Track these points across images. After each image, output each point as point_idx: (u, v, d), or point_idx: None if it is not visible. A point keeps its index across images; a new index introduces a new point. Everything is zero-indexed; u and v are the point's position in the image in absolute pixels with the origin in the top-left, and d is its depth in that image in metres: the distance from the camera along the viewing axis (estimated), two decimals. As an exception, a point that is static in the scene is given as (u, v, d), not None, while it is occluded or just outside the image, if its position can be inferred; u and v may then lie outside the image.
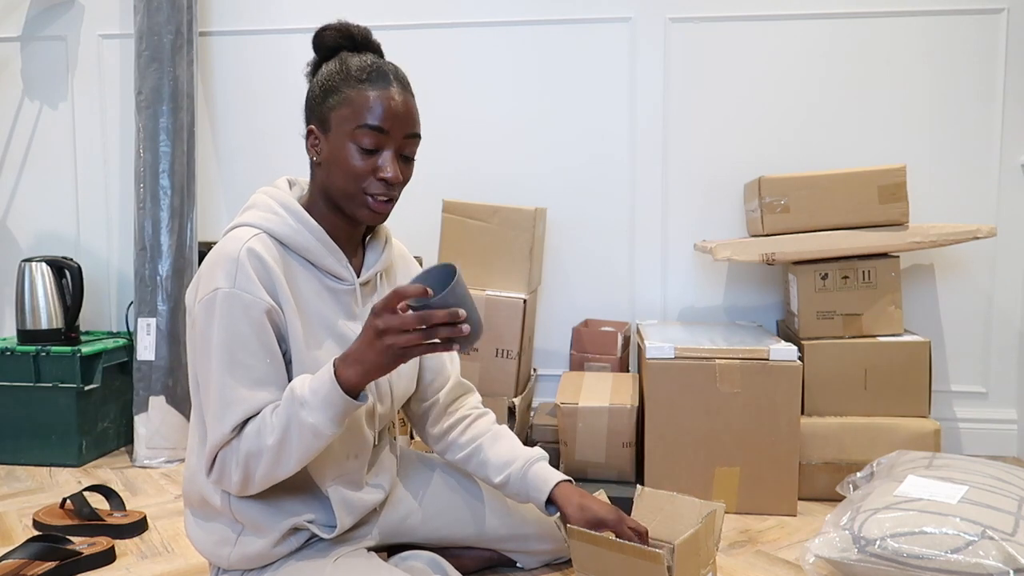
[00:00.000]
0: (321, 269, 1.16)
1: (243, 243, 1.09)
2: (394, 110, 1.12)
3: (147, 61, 2.21)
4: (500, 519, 1.38)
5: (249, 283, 1.07)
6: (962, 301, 2.18)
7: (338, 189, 1.13)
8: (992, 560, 1.19)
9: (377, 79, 1.13)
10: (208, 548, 1.19)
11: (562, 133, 2.28)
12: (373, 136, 1.11)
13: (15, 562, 1.40)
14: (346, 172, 1.11)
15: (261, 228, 1.13)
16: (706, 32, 2.21)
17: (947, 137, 2.15)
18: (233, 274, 1.07)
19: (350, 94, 1.11)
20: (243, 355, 1.07)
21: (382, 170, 1.12)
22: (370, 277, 1.22)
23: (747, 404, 1.72)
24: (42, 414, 2.13)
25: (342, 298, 1.18)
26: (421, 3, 2.31)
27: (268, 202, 1.16)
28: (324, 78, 1.15)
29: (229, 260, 1.08)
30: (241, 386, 1.07)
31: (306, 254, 1.14)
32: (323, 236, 1.15)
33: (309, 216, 1.15)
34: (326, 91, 1.14)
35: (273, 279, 1.09)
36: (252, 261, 1.08)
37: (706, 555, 1.23)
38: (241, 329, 1.07)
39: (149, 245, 2.18)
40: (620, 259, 2.29)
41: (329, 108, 1.13)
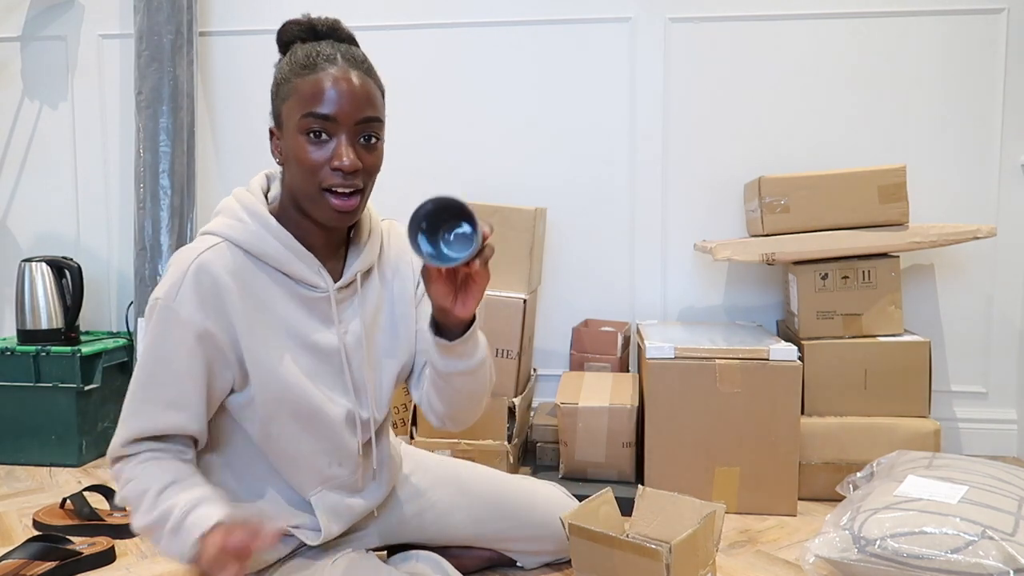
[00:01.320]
0: (292, 277, 1.10)
1: (196, 255, 1.04)
2: (342, 93, 1.03)
3: (147, 61, 2.21)
4: (500, 519, 1.38)
5: (187, 302, 1.02)
6: (962, 301, 2.18)
7: (299, 190, 1.06)
8: (992, 560, 1.19)
9: (322, 61, 1.04)
10: None
11: (562, 133, 2.28)
12: (321, 123, 1.03)
13: (15, 562, 1.40)
14: (302, 168, 1.04)
15: (224, 237, 1.07)
16: (706, 32, 2.21)
17: (947, 137, 2.15)
18: (176, 288, 1.03)
19: (295, 84, 1.05)
20: (162, 373, 1.04)
21: (336, 158, 1.03)
22: (351, 279, 1.15)
23: (747, 404, 1.72)
24: (42, 414, 2.13)
25: (318, 306, 1.12)
26: (421, 3, 2.31)
27: (234, 207, 1.10)
28: (276, 73, 1.10)
29: (178, 271, 1.04)
30: (149, 403, 1.04)
31: (273, 263, 1.08)
32: (290, 242, 1.08)
33: (275, 221, 1.08)
34: (277, 86, 1.09)
35: (222, 298, 1.04)
36: (199, 276, 1.03)
37: (705, 555, 1.23)
38: (167, 346, 1.03)
39: (149, 245, 2.18)
40: (620, 259, 2.29)
41: (280, 103, 1.08)
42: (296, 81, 1.05)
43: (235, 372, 1.08)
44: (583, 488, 1.73)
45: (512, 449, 1.88)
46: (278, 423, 1.11)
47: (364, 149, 1.07)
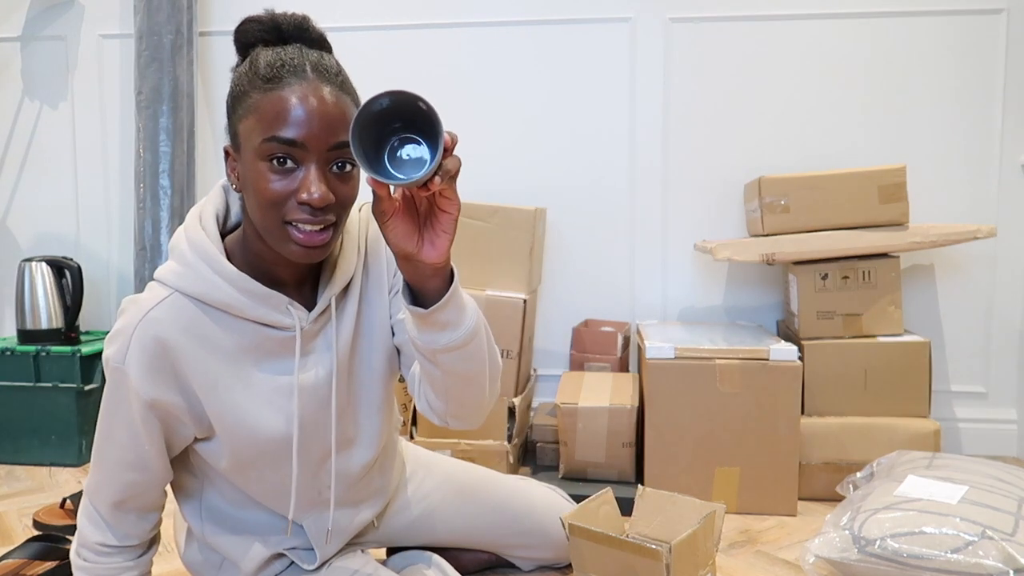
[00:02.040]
0: (257, 322, 0.97)
1: (142, 316, 0.93)
2: (311, 114, 0.87)
3: (147, 61, 2.21)
4: (498, 525, 1.37)
5: (134, 367, 0.93)
6: (962, 301, 2.18)
7: (259, 223, 0.91)
8: (992, 560, 1.19)
9: (288, 75, 0.88)
10: (193, 567, 1.19)
11: (562, 133, 2.28)
12: (285, 149, 0.87)
13: (15, 562, 1.40)
14: (260, 198, 0.88)
15: (174, 287, 0.95)
16: (706, 32, 2.21)
17: (947, 137, 2.15)
18: (124, 352, 0.93)
19: (255, 100, 0.88)
20: (122, 435, 0.99)
21: (302, 190, 0.87)
22: (323, 307, 1.02)
23: (747, 404, 1.72)
24: (42, 414, 2.13)
25: (286, 344, 1.00)
26: (421, 3, 2.31)
27: (183, 250, 0.96)
28: (233, 83, 0.92)
29: (125, 333, 0.94)
30: (113, 466, 1.01)
31: (230, 310, 0.95)
32: (250, 284, 0.95)
33: (229, 266, 0.94)
34: (234, 99, 0.92)
35: (173, 360, 0.94)
36: (144, 341, 0.93)
37: (704, 556, 1.23)
38: (120, 410, 0.97)
39: (149, 245, 2.18)
40: (620, 259, 2.29)
41: (237, 120, 0.91)
42: (256, 96, 0.88)
43: (196, 428, 1.01)
44: (583, 488, 1.73)
45: (512, 449, 1.88)
46: (254, 468, 1.04)
47: (337, 179, 0.90)
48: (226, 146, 0.95)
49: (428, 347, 0.93)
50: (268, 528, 1.12)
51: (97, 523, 1.05)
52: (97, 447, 1.03)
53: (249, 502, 1.12)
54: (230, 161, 0.95)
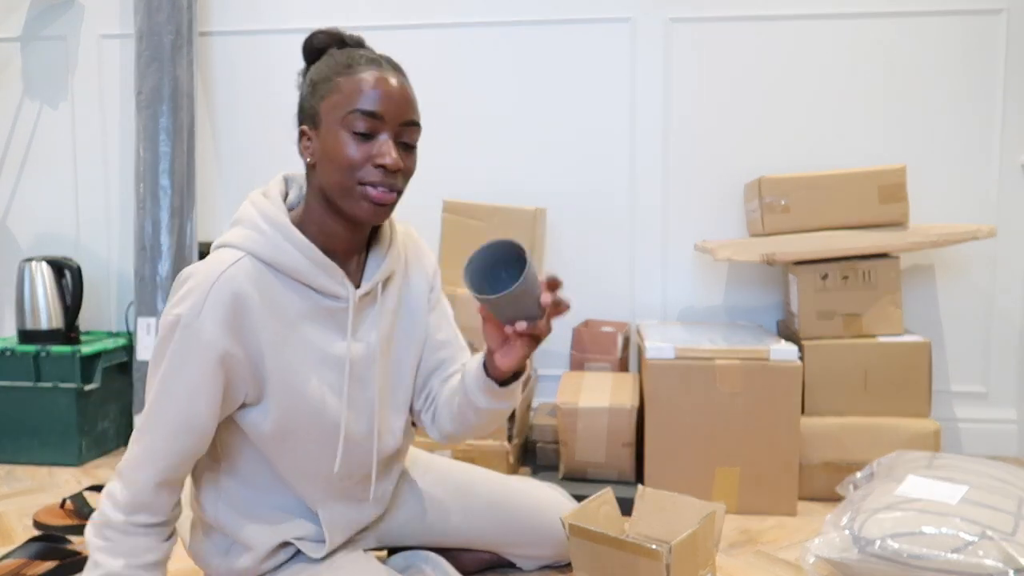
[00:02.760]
0: (313, 289, 1.08)
1: (220, 273, 1.01)
2: (389, 93, 1.04)
3: (147, 61, 2.21)
4: (499, 524, 1.37)
5: (211, 321, 0.99)
6: (962, 301, 2.18)
7: (334, 185, 1.04)
8: (992, 560, 1.19)
9: (368, 63, 1.05)
10: (200, 557, 1.19)
11: (562, 133, 2.28)
12: (367, 121, 1.03)
13: (15, 562, 1.40)
14: (340, 162, 1.03)
15: (245, 250, 1.04)
16: (706, 32, 2.21)
17: (947, 137, 2.15)
18: (200, 306, 0.99)
19: (339, 81, 1.04)
20: (181, 392, 1.01)
21: (379, 156, 1.03)
22: (370, 288, 1.13)
23: (747, 404, 1.72)
24: (42, 414, 2.13)
25: (337, 317, 1.10)
26: (421, 3, 2.31)
27: (253, 217, 1.07)
28: (312, 74, 1.08)
29: (200, 288, 1.00)
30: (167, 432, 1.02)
31: (295, 275, 1.06)
32: (314, 254, 1.06)
33: (298, 232, 1.06)
34: (315, 85, 1.06)
35: (247, 316, 1.02)
36: (224, 296, 1.00)
37: (705, 556, 1.23)
38: (187, 367, 1.00)
39: (149, 245, 2.18)
40: (620, 259, 2.29)
41: (319, 100, 1.05)
42: (338, 79, 1.04)
43: (251, 389, 1.06)
44: (583, 488, 1.73)
45: (512, 449, 1.88)
46: (293, 437, 1.10)
47: (404, 151, 1.07)
48: (302, 127, 1.08)
49: (482, 406, 1.16)
50: (282, 514, 1.16)
51: (132, 499, 1.03)
52: (151, 415, 1.03)
53: (269, 486, 1.15)
54: (303, 140, 1.08)
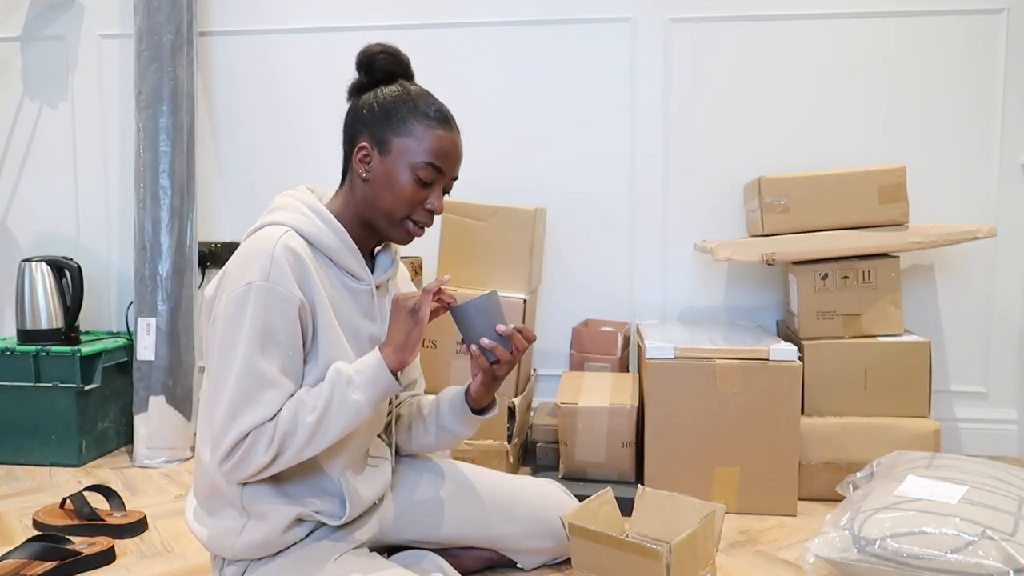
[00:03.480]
0: (342, 268, 1.21)
1: (277, 239, 1.12)
2: (454, 155, 1.22)
3: (147, 61, 2.21)
4: (500, 517, 1.38)
5: (283, 277, 1.11)
6: (962, 301, 2.18)
7: (383, 209, 1.19)
8: (992, 560, 1.19)
9: (444, 121, 1.21)
10: (214, 540, 1.19)
11: (562, 133, 2.28)
12: (433, 173, 1.19)
13: (15, 562, 1.40)
14: (398, 197, 1.18)
15: (290, 226, 1.16)
16: (706, 32, 2.21)
17: (947, 137, 2.15)
18: (267, 269, 1.10)
19: (418, 128, 1.18)
20: (273, 345, 1.11)
21: (431, 203, 1.21)
22: (383, 281, 1.28)
23: (747, 404, 1.72)
24: (42, 414, 2.13)
25: (359, 297, 1.23)
26: (422, 3, 2.31)
27: (295, 204, 1.20)
28: (388, 101, 1.20)
29: (263, 255, 1.11)
30: (275, 372, 1.11)
31: (330, 253, 1.19)
32: (347, 238, 1.20)
33: (334, 219, 1.20)
34: (389, 114, 1.19)
35: (307, 274, 1.14)
36: (288, 255, 1.12)
37: (705, 555, 1.23)
38: (273, 321, 1.10)
39: (149, 245, 2.18)
40: (620, 259, 2.29)
41: (392, 132, 1.18)
42: (417, 125, 1.19)
43: (309, 342, 1.16)
44: (583, 488, 1.73)
45: (512, 449, 1.88)
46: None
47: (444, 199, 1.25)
48: (366, 143, 1.20)
49: (448, 427, 1.35)
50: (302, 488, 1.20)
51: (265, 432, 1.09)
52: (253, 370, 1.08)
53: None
54: (362, 154, 1.20)
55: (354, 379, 1.13)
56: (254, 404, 1.08)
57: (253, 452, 1.09)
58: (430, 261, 2.26)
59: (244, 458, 1.09)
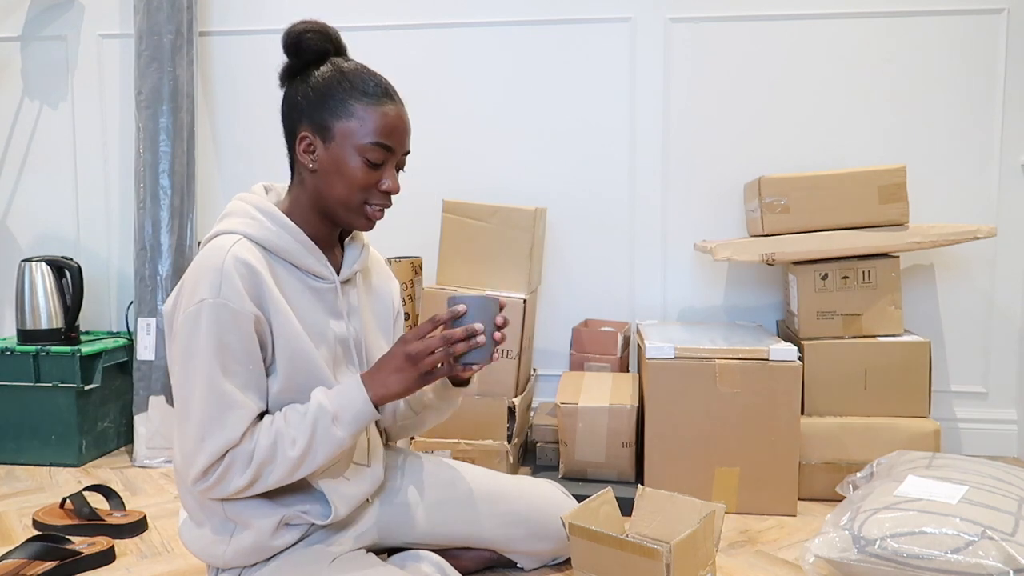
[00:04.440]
0: (302, 270, 1.18)
1: (226, 251, 1.09)
2: (401, 130, 1.16)
3: (147, 61, 2.21)
4: (499, 517, 1.37)
5: (234, 293, 1.08)
6: (962, 301, 2.18)
7: (337, 198, 1.15)
8: (992, 560, 1.19)
9: (385, 95, 1.15)
10: (204, 549, 1.19)
11: (562, 133, 2.28)
12: (381, 152, 1.14)
13: (15, 562, 1.40)
14: (350, 184, 1.14)
15: (241, 233, 1.13)
16: (706, 32, 2.21)
17: (947, 137, 2.15)
18: (218, 284, 1.07)
19: (357, 108, 1.13)
20: (232, 363, 1.08)
21: (385, 184, 1.16)
22: (350, 275, 1.25)
23: (747, 404, 1.72)
24: (42, 414, 2.13)
25: (325, 296, 1.20)
26: (420, 3, 2.31)
27: (245, 208, 1.17)
28: (322, 84, 1.15)
29: (213, 270, 1.08)
30: (237, 390, 1.09)
31: (287, 256, 1.16)
32: (302, 237, 1.17)
33: (287, 219, 1.16)
34: (326, 98, 1.14)
35: (260, 284, 1.10)
36: (238, 268, 1.08)
37: (705, 555, 1.23)
38: (228, 339, 1.08)
39: (149, 245, 2.18)
40: (620, 259, 2.29)
41: (332, 116, 1.14)
42: (356, 105, 1.13)
43: (267, 353, 1.14)
44: (583, 488, 1.73)
45: (512, 449, 1.88)
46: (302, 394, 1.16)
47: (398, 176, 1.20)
48: (307, 132, 1.15)
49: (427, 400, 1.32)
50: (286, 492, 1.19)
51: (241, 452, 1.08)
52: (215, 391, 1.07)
53: None
54: (305, 144, 1.15)
55: (339, 416, 1.11)
56: (219, 427, 1.07)
57: (229, 474, 1.08)
58: (430, 261, 2.26)
59: (221, 479, 1.09)
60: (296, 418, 1.11)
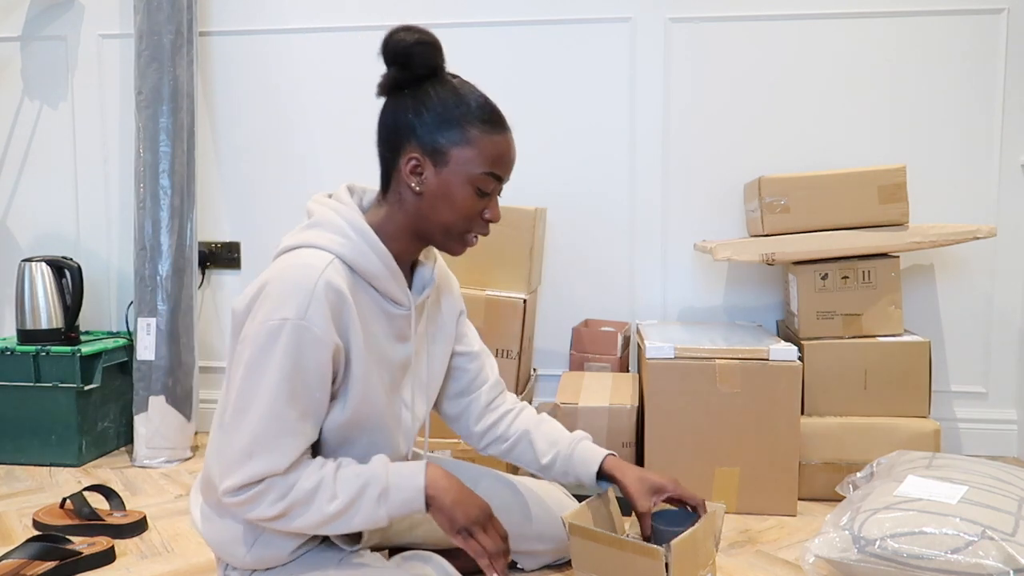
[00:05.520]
0: (382, 294, 1.15)
1: (319, 274, 1.06)
2: (512, 160, 1.16)
3: (147, 61, 2.21)
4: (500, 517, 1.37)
5: (320, 318, 1.05)
6: (962, 301, 2.18)
7: (440, 223, 1.13)
8: (992, 560, 1.19)
9: (499, 123, 1.15)
10: (222, 545, 1.18)
11: (562, 133, 2.28)
12: (493, 182, 1.13)
13: (15, 562, 1.40)
14: (458, 211, 1.12)
15: (334, 253, 1.10)
16: (706, 32, 2.21)
17: (947, 137, 2.15)
18: (305, 307, 1.04)
19: (476, 134, 1.11)
20: (301, 387, 1.06)
21: (490, 213, 1.15)
22: (423, 300, 1.23)
23: (747, 404, 1.72)
24: (42, 414, 2.13)
25: (396, 322, 1.18)
26: (420, 3, 2.31)
27: (338, 223, 1.12)
28: (438, 105, 1.11)
29: (303, 291, 1.04)
30: (297, 417, 1.06)
31: (372, 280, 1.13)
32: (391, 263, 1.13)
33: (379, 241, 1.12)
34: (442, 120, 1.11)
35: (346, 312, 1.08)
36: (329, 295, 1.05)
37: (705, 556, 1.23)
38: (305, 363, 1.05)
39: (149, 245, 2.18)
40: (620, 259, 2.29)
41: (448, 141, 1.10)
42: (473, 131, 1.11)
43: (340, 381, 1.12)
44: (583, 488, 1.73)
45: (512, 449, 1.88)
46: (357, 429, 1.15)
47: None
48: (416, 153, 1.11)
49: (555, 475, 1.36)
50: None
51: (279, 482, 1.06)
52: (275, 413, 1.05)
53: None
54: (413, 165, 1.11)
55: (389, 493, 1.09)
56: (271, 450, 1.05)
57: (260, 500, 1.06)
58: (430, 261, 2.26)
59: (251, 501, 1.07)
60: (347, 475, 1.09)
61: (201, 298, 2.46)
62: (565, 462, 1.33)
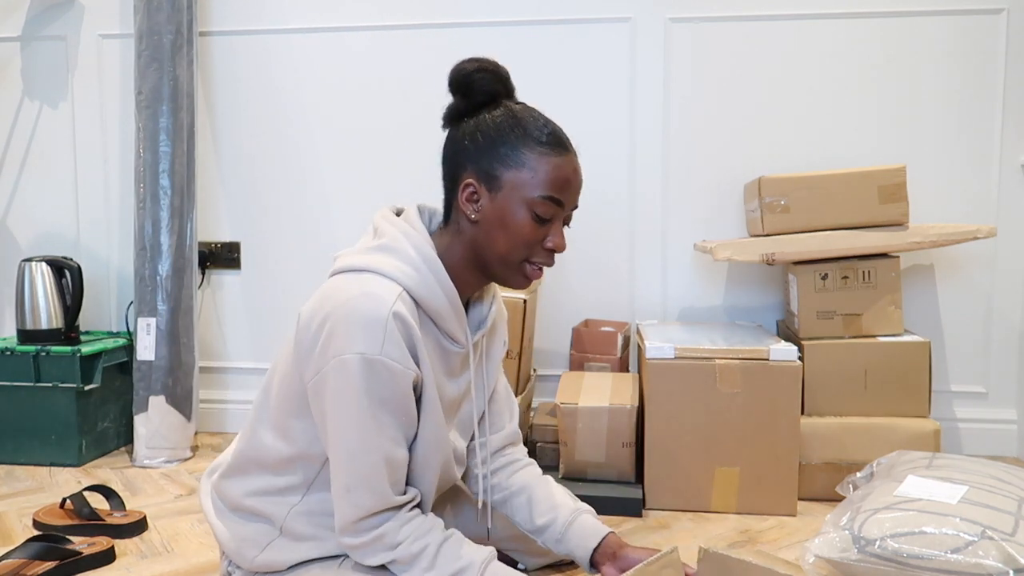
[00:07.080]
0: (442, 331, 1.12)
1: (389, 307, 1.02)
2: (575, 184, 1.10)
3: (147, 61, 2.21)
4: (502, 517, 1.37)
5: (397, 351, 1.02)
6: (962, 301, 2.18)
7: (497, 252, 1.09)
8: (992, 560, 1.19)
9: (559, 145, 1.09)
10: (232, 544, 1.18)
11: (562, 133, 2.28)
12: (551, 207, 1.07)
13: (15, 562, 1.40)
14: (515, 239, 1.07)
15: (402, 285, 1.06)
16: (706, 32, 2.21)
17: (947, 137, 2.15)
18: (380, 341, 1.01)
19: (530, 157, 1.07)
20: (388, 419, 1.05)
21: (551, 240, 1.09)
22: (479, 339, 1.20)
23: (747, 404, 1.72)
24: (42, 414, 2.13)
25: (451, 358, 1.16)
26: (421, 3, 2.31)
27: (410, 254, 1.09)
28: (492, 130, 1.08)
29: (375, 323, 1.01)
30: (387, 446, 1.06)
31: (435, 316, 1.10)
32: (456, 300, 1.11)
33: (448, 278, 1.10)
34: (495, 144, 1.07)
35: (416, 344, 1.05)
36: (400, 327, 1.03)
37: None
38: (387, 395, 1.04)
39: (149, 245, 2.18)
40: (620, 259, 2.29)
41: (501, 166, 1.07)
42: (529, 154, 1.07)
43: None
44: (583, 488, 1.73)
45: (512, 449, 1.88)
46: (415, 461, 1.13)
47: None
48: (472, 180, 1.08)
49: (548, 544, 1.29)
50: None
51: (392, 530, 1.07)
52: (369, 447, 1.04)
53: None
54: (468, 191, 1.09)
55: None
56: (367, 479, 1.05)
57: (376, 545, 1.07)
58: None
59: (365, 547, 1.07)
60: (448, 551, 1.08)
61: (201, 298, 2.46)
62: (562, 529, 1.26)
